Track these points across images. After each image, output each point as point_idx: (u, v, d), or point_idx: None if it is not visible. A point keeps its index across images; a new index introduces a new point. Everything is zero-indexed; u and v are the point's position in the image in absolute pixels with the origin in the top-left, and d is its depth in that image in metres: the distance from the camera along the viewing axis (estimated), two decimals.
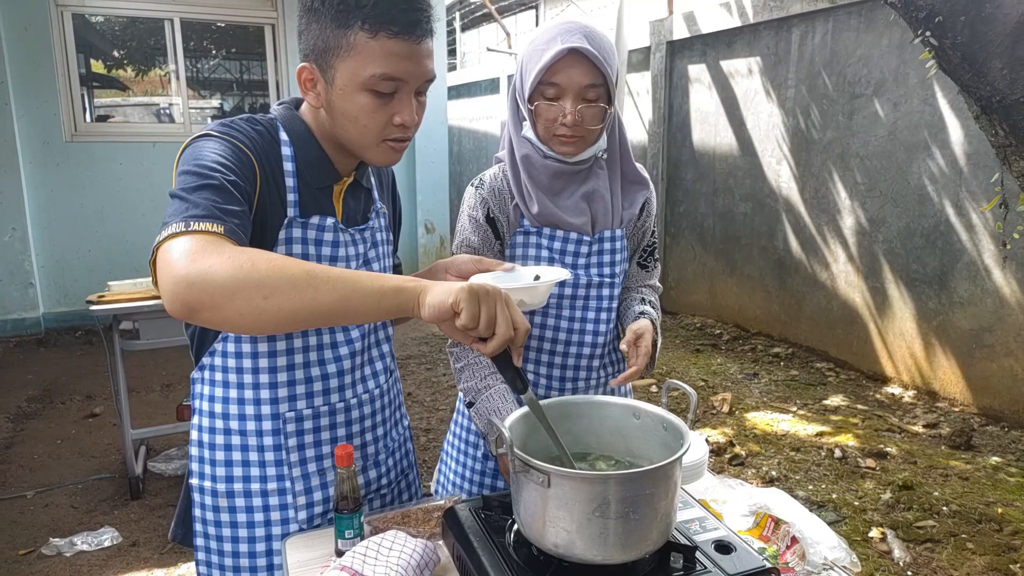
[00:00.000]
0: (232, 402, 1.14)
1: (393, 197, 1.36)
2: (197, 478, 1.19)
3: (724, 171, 5.77)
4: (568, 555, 0.93)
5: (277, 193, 1.08)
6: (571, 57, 1.29)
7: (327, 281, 0.84)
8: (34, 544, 2.76)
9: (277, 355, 1.13)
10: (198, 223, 0.87)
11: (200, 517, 1.19)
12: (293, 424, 1.16)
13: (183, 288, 0.82)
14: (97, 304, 2.84)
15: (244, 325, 0.84)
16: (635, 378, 1.35)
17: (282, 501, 1.18)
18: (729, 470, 3.39)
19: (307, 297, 0.83)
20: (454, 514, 1.11)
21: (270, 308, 0.82)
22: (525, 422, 1.04)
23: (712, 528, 1.06)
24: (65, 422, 3.97)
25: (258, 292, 0.81)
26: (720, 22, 5.52)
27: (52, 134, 5.51)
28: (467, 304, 0.84)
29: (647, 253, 1.59)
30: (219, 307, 0.82)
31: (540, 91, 1.33)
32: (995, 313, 3.87)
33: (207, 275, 0.81)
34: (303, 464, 1.18)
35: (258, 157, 1.04)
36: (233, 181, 0.97)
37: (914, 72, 4.15)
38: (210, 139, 1.01)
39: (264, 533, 1.18)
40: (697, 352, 5.31)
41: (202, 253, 0.83)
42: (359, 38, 0.99)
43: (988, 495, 3.07)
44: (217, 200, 0.92)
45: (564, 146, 1.35)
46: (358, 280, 0.86)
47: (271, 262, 0.84)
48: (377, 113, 1.03)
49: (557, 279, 1.13)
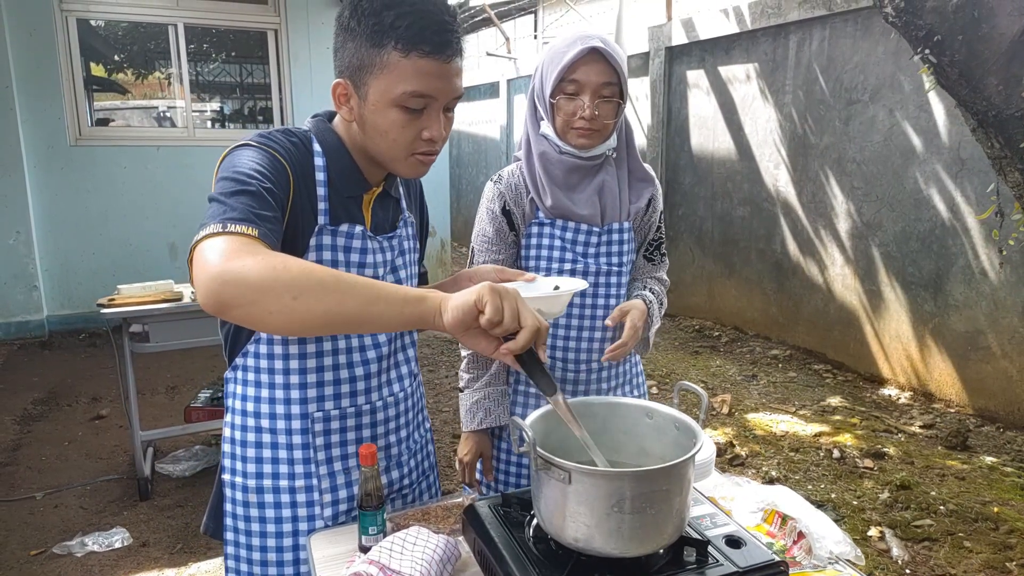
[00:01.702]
0: (263, 401, 1.19)
1: (421, 207, 1.41)
2: (229, 473, 1.23)
3: (722, 175, 5.83)
4: (587, 549, 0.98)
5: (309, 201, 1.12)
6: (590, 56, 1.42)
7: (354, 287, 0.87)
8: (45, 545, 2.79)
9: (307, 357, 1.17)
10: (234, 225, 0.92)
11: (231, 512, 1.23)
12: (321, 424, 1.20)
13: (217, 285, 0.85)
14: (108, 307, 2.87)
15: (274, 324, 0.88)
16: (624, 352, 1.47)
17: (309, 498, 1.22)
18: (730, 470, 3.43)
19: (334, 300, 0.86)
20: (474, 511, 1.15)
21: (300, 308, 0.85)
22: (545, 420, 1.09)
23: (722, 524, 1.11)
24: (72, 424, 4.00)
25: (288, 292, 0.85)
26: (718, 28, 5.58)
27: (56, 138, 5.54)
28: (490, 298, 0.87)
29: (653, 247, 1.69)
30: (251, 304, 0.85)
31: (561, 88, 1.46)
32: (990, 316, 3.94)
33: (240, 273, 0.85)
34: (330, 463, 1.22)
35: (292, 167, 1.09)
36: (268, 188, 1.01)
37: (909, 79, 4.21)
38: (248, 148, 1.06)
39: (291, 528, 1.22)
40: (696, 354, 5.36)
41: (237, 253, 0.87)
42: (392, 57, 1.03)
43: (984, 494, 3.13)
44: (253, 205, 0.97)
45: (581, 138, 1.47)
46: (383, 288, 0.89)
47: (302, 265, 0.88)
48: (407, 128, 1.08)
49: (576, 289, 1.19)
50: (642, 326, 1.51)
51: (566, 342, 1.57)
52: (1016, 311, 3.80)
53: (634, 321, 1.48)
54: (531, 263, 1.57)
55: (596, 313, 1.56)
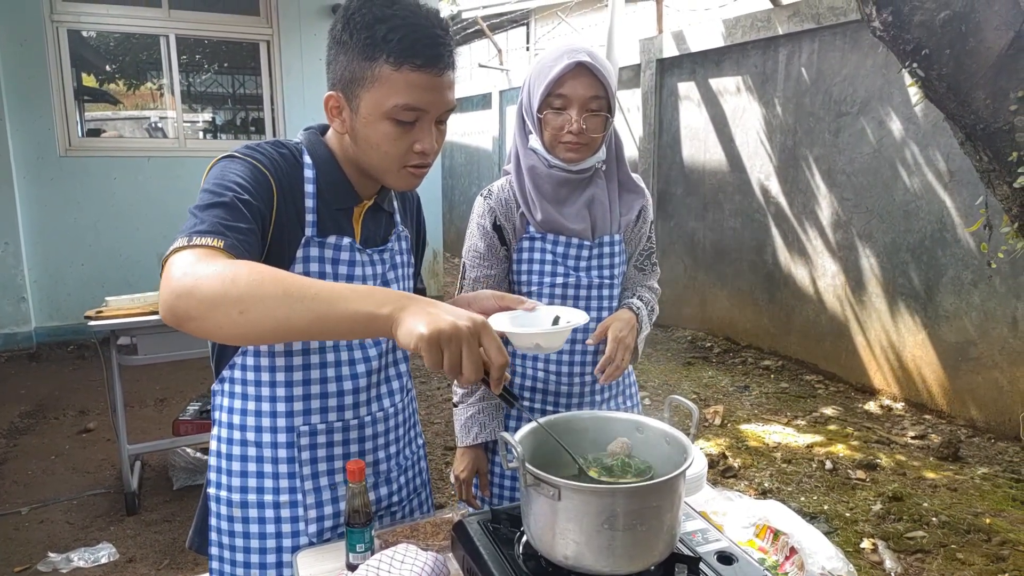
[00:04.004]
0: (249, 414, 1.18)
1: (418, 222, 1.39)
2: (214, 487, 1.22)
3: (714, 186, 5.85)
4: (577, 566, 0.97)
5: (295, 212, 1.12)
6: (577, 71, 1.42)
7: (302, 301, 0.84)
8: (30, 561, 2.75)
9: (293, 370, 1.16)
10: (200, 238, 0.93)
11: (215, 526, 1.22)
12: (307, 438, 1.19)
13: (173, 298, 0.87)
14: (96, 319, 2.85)
15: (224, 336, 0.88)
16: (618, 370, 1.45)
17: (293, 514, 1.20)
18: (723, 482, 3.43)
19: (280, 316, 0.84)
20: (463, 527, 1.14)
21: (246, 323, 0.85)
22: (535, 436, 1.08)
23: (714, 539, 1.10)
24: (59, 437, 3.96)
25: (235, 308, 0.84)
26: (709, 41, 5.62)
27: (46, 149, 5.51)
28: (427, 352, 0.81)
29: (643, 257, 1.69)
30: (201, 319, 0.86)
31: (548, 102, 1.45)
32: (980, 327, 3.95)
33: (193, 288, 0.86)
34: (315, 478, 1.20)
35: (276, 177, 1.09)
36: (245, 200, 1.01)
37: (898, 92, 4.25)
38: (233, 160, 1.07)
39: (275, 545, 1.21)
40: (688, 365, 5.36)
41: (195, 266, 0.88)
42: (384, 70, 1.04)
43: (976, 506, 3.13)
44: (225, 217, 0.97)
45: (569, 152, 1.46)
46: (335, 302, 0.84)
47: (252, 277, 0.86)
48: (399, 141, 1.08)
49: (575, 324, 1.16)
50: (630, 335, 1.50)
51: (558, 355, 1.56)
52: (1006, 322, 3.82)
53: (616, 333, 1.47)
54: (523, 277, 1.56)
55: (588, 326, 1.54)
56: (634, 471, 1.07)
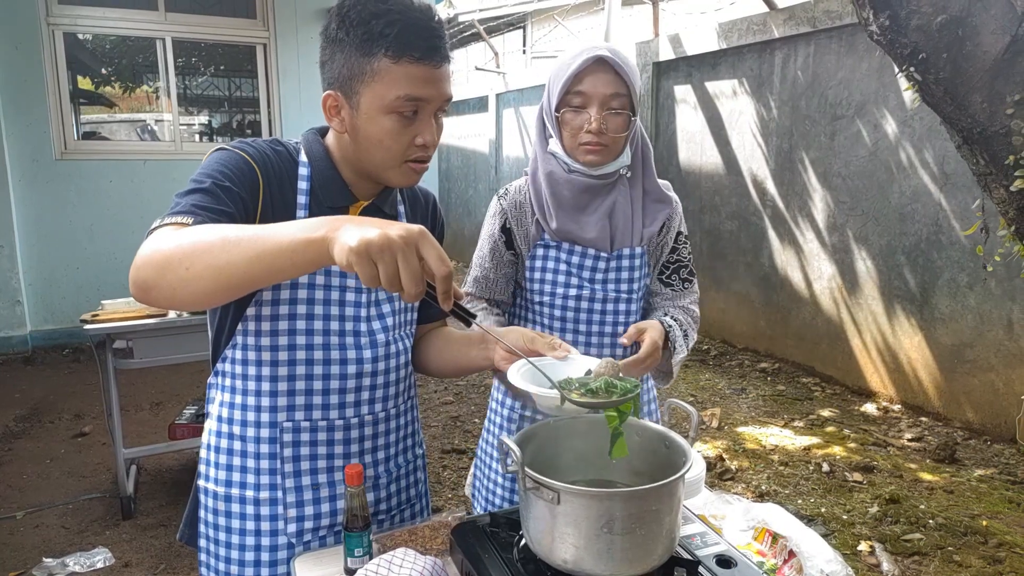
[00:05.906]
0: (237, 407, 1.19)
1: (433, 221, 1.35)
2: (203, 479, 1.23)
3: (710, 189, 5.86)
4: (576, 570, 0.96)
5: (284, 208, 1.13)
6: (597, 66, 1.36)
7: (239, 243, 0.84)
8: (24, 565, 2.74)
9: (279, 365, 1.16)
10: (172, 218, 0.96)
11: (203, 518, 1.23)
12: (290, 435, 1.18)
13: (134, 272, 0.90)
14: (91, 323, 2.84)
15: (179, 298, 0.89)
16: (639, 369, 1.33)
17: (272, 511, 1.20)
18: (720, 484, 3.43)
19: (221, 261, 0.84)
20: (462, 531, 1.14)
21: (192, 278, 0.86)
22: (534, 439, 1.08)
23: (713, 543, 1.10)
24: (54, 441, 3.94)
25: (181, 264, 0.86)
26: (705, 44, 5.63)
27: (42, 152, 5.49)
28: (359, 266, 0.78)
29: (669, 270, 1.59)
30: (157, 286, 0.89)
31: (567, 100, 1.39)
32: (975, 329, 3.96)
33: (150, 257, 0.89)
34: (297, 476, 1.20)
35: (264, 170, 1.11)
36: (225, 187, 1.04)
37: (893, 95, 4.26)
38: (221, 151, 1.10)
39: (254, 543, 1.20)
40: (685, 367, 5.36)
41: (157, 239, 0.91)
42: (383, 64, 1.05)
43: (973, 508, 3.13)
44: (201, 200, 1.00)
45: (589, 155, 1.40)
46: (270, 237, 0.83)
47: (196, 235, 0.88)
48: (400, 135, 1.09)
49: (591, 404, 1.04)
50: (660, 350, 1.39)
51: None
52: (1001, 324, 3.83)
53: (654, 339, 1.35)
54: (535, 286, 1.50)
55: (603, 341, 1.49)
56: (619, 391, 1.04)
